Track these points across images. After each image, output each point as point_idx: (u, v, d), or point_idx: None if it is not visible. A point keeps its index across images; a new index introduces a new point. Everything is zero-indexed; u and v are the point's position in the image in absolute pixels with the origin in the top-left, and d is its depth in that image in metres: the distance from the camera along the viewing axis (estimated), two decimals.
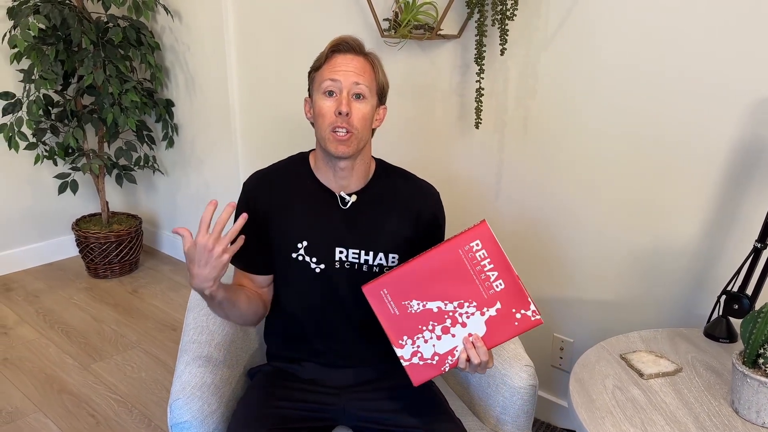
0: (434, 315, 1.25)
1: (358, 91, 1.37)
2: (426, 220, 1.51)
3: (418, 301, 1.25)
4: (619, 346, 1.52)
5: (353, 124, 1.36)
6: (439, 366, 1.27)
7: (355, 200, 1.46)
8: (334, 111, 1.36)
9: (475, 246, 1.22)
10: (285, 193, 1.47)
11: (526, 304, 1.23)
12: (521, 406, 1.51)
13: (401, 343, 1.27)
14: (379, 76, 1.42)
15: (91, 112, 3.09)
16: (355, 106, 1.36)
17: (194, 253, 1.22)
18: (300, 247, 1.45)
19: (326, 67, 1.38)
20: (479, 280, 1.23)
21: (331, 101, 1.36)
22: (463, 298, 1.24)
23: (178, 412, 1.37)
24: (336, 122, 1.36)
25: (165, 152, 3.43)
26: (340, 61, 1.37)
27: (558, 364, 2.16)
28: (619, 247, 1.90)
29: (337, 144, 1.37)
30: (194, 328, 1.56)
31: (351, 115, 1.36)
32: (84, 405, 2.33)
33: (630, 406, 1.29)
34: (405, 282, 1.24)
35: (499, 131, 2.07)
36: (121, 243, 3.28)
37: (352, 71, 1.36)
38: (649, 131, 1.75)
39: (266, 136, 2.88)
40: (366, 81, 1.37)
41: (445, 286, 1.23)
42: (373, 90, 1.40)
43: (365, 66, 1.39)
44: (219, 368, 1.49)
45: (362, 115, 1.37)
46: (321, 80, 1.38)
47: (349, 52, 1.38)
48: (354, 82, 1.36)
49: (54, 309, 3.02)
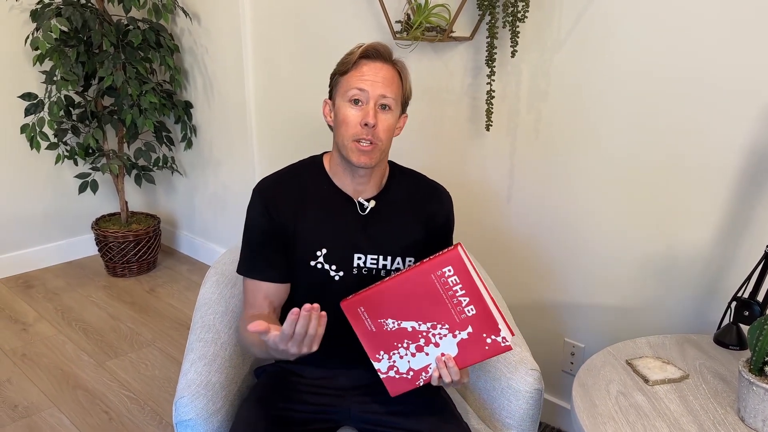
0: (409, 334, 1.27)
1: (384, 102, 1.35)
2: (439, 222, 1.51)
3: (393, 320, 1.26)
4: (625, 351, 1.50)
5: (378, 136, 1.35)
6: (414, 380, 1.30)
7: (373, 206, 1.46)
8: (360, 122, 1.34)
9: (447, 272, 1.21)
10: (302, 198, 1.44)
11: (497, 330, 1.23)
12: (526, 410, 1.50)
13: (378, 357, 1.30)
14: (405, 86, 1.40)
15: (111, 113, 3.14)
16: (381, 118, 1.35)
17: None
18: (319, 255, 1.43)
19: (354, 74, 1.35)
20: (451, 304, 1.23)
21: (356, 110, 1.34)
22: (436, 320, 1.25)
23: (182, 409, 1.38)
24: (360, 134, 1.34)
25: (183, 153, 3.47)
26: (368, 69, 1.34)
27: (569, 369, 2.14)
28: (631, 252, 1.88)
29: (360, 155, 1.36)
30: (201, 326, 1.58)
31: (377, 126, 1.34)
32: (98, 401, 2.36)
33: (633, 412, 1.27)
34: (380, 301, 1.25)
35: (510, 134, 2.06)
36: (139, 242, 3.32)
37: (380, 82, 1.33)
38: (663, 136, 1.73)
39: (282, 138, 2.90)
40: (393, 93, 1.35)
41: (419, 307, 1.24)
42: (399, 101, 1.38)
43: (393, 76, 1.36)
44: (224, 367, 1.50)
45: (387, 126, 1.36)
46: (347, 87, 1.35)
47: (378, 59, 1.35)
48: (381, 94, 1.34)
49: (72, 306, 3.07)
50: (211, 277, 1.75)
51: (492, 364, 1.56)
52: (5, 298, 3.14)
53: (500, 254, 2.21)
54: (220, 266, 1.79)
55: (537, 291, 2.15)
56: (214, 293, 1.68)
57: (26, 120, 3.15)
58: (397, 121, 1.41)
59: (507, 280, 2.20)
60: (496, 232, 2.19)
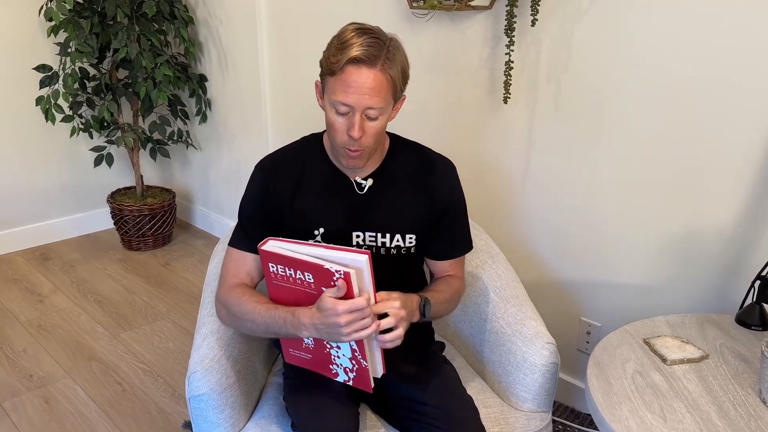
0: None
1: (370, 114, 1.30)
2: (443, 197, 1.47)
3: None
4: (643, 330, 1.46)
5: (365, 143, 1.33)
6: (363, 367, 1.29)
7: (371, 184, 1.44)
8: (346, 131, 1.31)
9: (272, 267, 1.27)
10: (301, 178, 1.44)
11: (331, 272, 1.21)
12: (542, 384, 1.48)
13: (334, 372, 1.33)
14: (397, 83, 1.30)
15: (125, 85, 3.12)
16: (368, 126, 1.31)
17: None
18: (317, 234, 1.42)
19: (338, 83, 1.27)
20: (297, 286, 1.26)
21: (342, 119, 1.31)
22: (307, 303, 1.27)
23: (196, 384, 1.37)
24: (347, 143, 1.32)
25: (198, 127, 3.45)
26: (353, 79, 1.26)
27: (584, 348, 2.10)
28: (651, 230, 1.83)
29: (349, 159, 1.36)
30: (211, 301, 1.56)
31: (363, 135, 1.31)
32: (112, 372, 2.37)
33: (650, 392, 1.24)
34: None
35: (529, 108, 2.01)
36: (154, 216, 3.32)
37: (366, 94, 1.26)
38: (687, 113, 1.67)
39: (296, 113, 2.87)
40: (381, 101, 1.29)
41: (295, 300, 1.29)
42: (389, 101, 1.32)
43: (380, 82, 1.27)
44: (236, 341, 1.48)
45: (375, 131, 1.33)
46: (332, 94, 1.29)
47: (364, 65, 1.25)
48: (367, 106, 1.28)
49: (88, 279, 3.08)
50: (220, 252, 1.74)
51: (507, 338, 1.53)
52: (22, 269, 3.17)
53: (516, 232, 2.17)
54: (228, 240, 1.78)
55: (553, 269, 2.11)
56: None
57: (41, 92, 3.14)
58: (389, 115, 1.36)
59: (522, 257, 2.16)
60: (512, 209, 2.15)
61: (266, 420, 1.44)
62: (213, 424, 1.39)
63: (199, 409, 1.38)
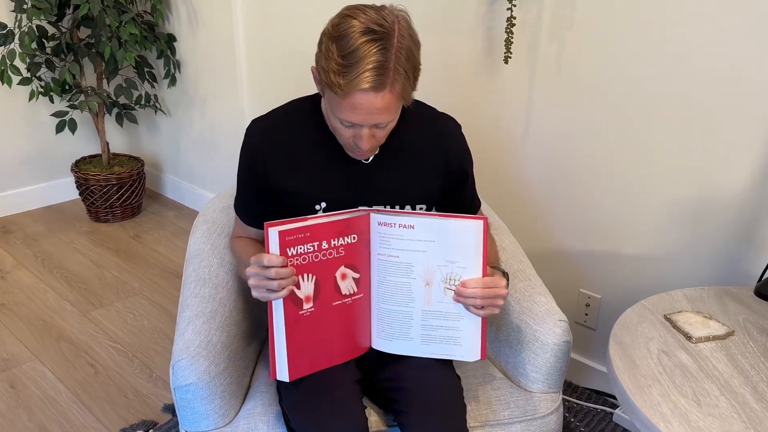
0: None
1: (381, 125, 1.18)
2: (457, 162, 1.37)
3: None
4: (661, 305, 1.38)
5: (374, 144, 1.22)
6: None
7: (377, 152, 1.31)
8: (352, 138, 1.20)
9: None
10: (296, 149, 1.30)
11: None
12: (554, 363, 1.38)
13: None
14: (407, 91, 1.16)
15: (88, 45, 2.91)
16: (377, 132, 1.19)
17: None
18: (318, 209, 1.30)
19: (343, 103, 1.13)
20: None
21: (349, 131, 1.19)
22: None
23: (182, 373, 1.24)
24: (354, 147, 1.22)
25: (167, 91, 3.25)
26: (361, 102, 1.11)
27: (583, 320, 2.02)
28: (658, 196, 1.74)
29: (356, 155, 1.27)
30: (195, 280, 1.43)
31: (373, 139, 1.20)
32: (83, 353, 2.23)
33: (678, 373, 1.15)
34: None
35: (530, 68, 1.88)
36: (122, 186, 3.15)
37: (375, 113, 1.13)
38: (700, 69, 1.57)
39: (275, 75, 2.70)
40: (390, 116, 1.16)
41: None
42: (399, 108, 1.20)
43: (390, 101, 1.13)
44: (225, 324, 1.35)
45: (385, 133, 1.22)
46: (335, 108, 1.16)
47: (372, 90, 1.10)
48: (377, 123, 1.16)
49: (53, 253, 2.90)
50: (201, 226, 1.60)
51: (516, 315, 1.43)
52: None
53: (513, 198, 2.06)
54: (209, 214, 1.64)
55: (551, 237, 2.01)
56: (206, 244, 1.53)
57: None
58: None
59: (519, 224, 2.06)
60: (510, 174, 2.04)
61: (259, 408, 1.32)
62: (201, 416, 1.27)
63: (185, 399, 1.26)
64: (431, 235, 1.19)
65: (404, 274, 1.22)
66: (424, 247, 1.20)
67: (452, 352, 1.25)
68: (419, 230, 1.19)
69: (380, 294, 1.24)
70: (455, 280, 1.20)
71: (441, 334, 1.24)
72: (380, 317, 1.26)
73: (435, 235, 1.19)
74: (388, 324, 1.25)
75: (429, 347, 1.25)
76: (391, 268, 1.22)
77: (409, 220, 1.19)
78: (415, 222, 1.19)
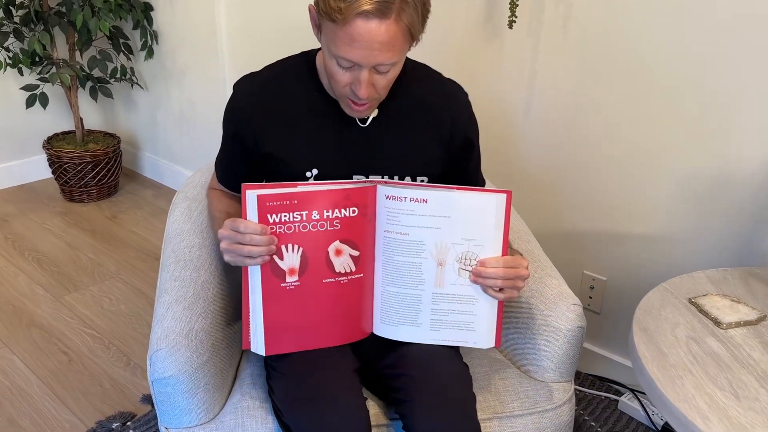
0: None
1: (381, 69, 1.06)
2: (463, 132, 1.25)
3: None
4: (684, 288, 1.27)
5: (373, 96, 1.09)
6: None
7: (376, 115, 1.19)
8: (350, 85, 1.07)
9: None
10: (287, 111, 1.18)
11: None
12: (567, 350, 1.28)
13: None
14: (413, 31, 1.05)
15: (59, 14, 2.73)
16: (378, 79, 1.07)
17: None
18: (309, 176, 1.18)
19: (342, 35, 1.02)
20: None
21: (345, 73, 1.06)
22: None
23: (161, 365, 1.12)
24: (351, 96, 1.09)
25: (144, 64, 3.08)
26: (361, 33, 1.00)
27: (587, 304, 1.93)
28: (670, 172, 1.64)
29: (353, 110, 1.14)
30: (175, 262, 1.30)
31: (372, 90, 1.08)
32: (55, 340, 2.09)
33: (711, 362, 1.05)
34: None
35: (533, 35, 1.76)
36: (97, 164, 2.98)
37: (377, 50, 1.02)
38: (721, 33, 1.46)
39: (259, 47, 2.54)
40: (394, 56, 1.04)
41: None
42: (404, 51, 1.08)
43: (394, 35, 1.02)
44: (208, 311, 1.23)
45: (386, 83, 1.09)
46: (332, 44, 1.05)
47: (374, 17, 1.00)
48: (378, 63, 1.04)
49: (24, 234, 2.75)
50: (180, 204, 1.47)
51: (525, 299, 1.33)
52: None
53: (513, 174, 1.95)
54: (190, 190, 1.51)
55: (554, 215, 1.91)
56: (186, 223, 1.40)
57: None
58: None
59: (519, 202, 1.95)
60: (510, 149, 1.93)
61: (247, 402, 1.20)
62: (182, 411, 1.15)
63: (164, 393, 1.13)
64: (446, 210, 1.07)
65: (414, 253, 1.10)
66: (438, 223, 1.08)
67: (464, 338, 1.14)
68: (433, 205, 1.07)
69: (386, 275, 1.13)
70: (471, 260, 1.09)
71: (453, 319, 1.13)
72: (385, 300, 1.14)
73: (451, 210, 1.07)
74: (393, 308, 1.14)
75: (438, 333, 1.14)
76: (399, 246, 1.10)
77: (421, 194, 1.07)
78: (428, 195, 1.07)
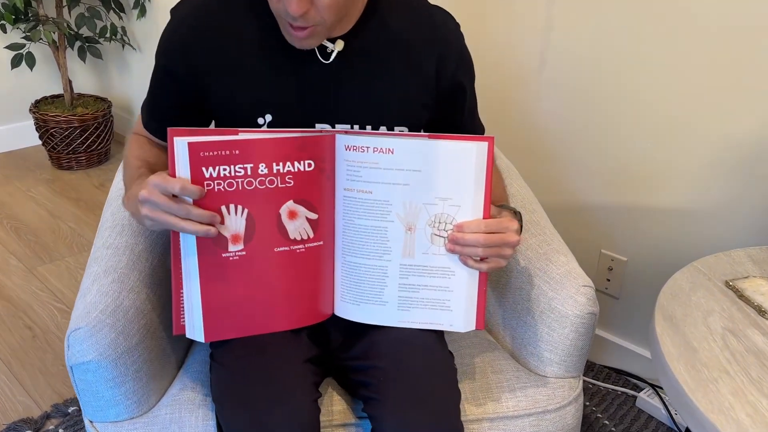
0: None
1: None
2: (451, 70, 1.03)
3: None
4: (720, 268, 1.05)
5: (316, 19, 0.87)
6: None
7: (341, 49, 0.97)
8: (283, 4, 0.86)
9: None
10: (235, 43, 0.98)
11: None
12: (574, 341, 1.07)
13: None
14: None
15: None
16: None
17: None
18: (262, 123, 0.98)
19: None
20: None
21: None
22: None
23: (79, 347, 0.94)
24: (286, 16, 0.87)
25: (137, 23, 2.90)
26: None
27: (604, 287, 1.71)
28: (704, 137, 1.41)
29: (293, 37, 0.92)
30: (111, 227, 1.12)
31: (309, 11, 0.85)
32: (21, 314, 1.93)
33: (754, 361, 0.83)
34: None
35: None
36: (86, 129, 2.82)
37: None
38: None
39: None
40: None
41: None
42: None
43: None
44: (143, 285, 1.04)
45: (330, 2, 0.86)
46: None
47: None
48: None
49: (6, 202, 2.60)
50: None
51: (527, 279, 1.12)
52: None
53: (526, 141, 1.74)
54: None
55: (569, 187, 1.69)
56: None
57: None
58: None
59: (530, 170, 1.73)
60: (521, 110, 1.72)
61: (188, 394, 1.01)
62: (107, 402, 0.96)
63: (85, 381, 0.95)
64: (417, 162, 0.87)
65: (378, 215, 0.90)
66: (407, 178, 0.88)
67: (438, 319, 0.95)
68: (401, 155, 0.87)
69: (345, 243, 0.93)
70: (447, 224, 0.89)
71: (424, 296, 0.93)
72: (345, 274, 0.94)
73: (422, 162, 0.87)
74: (354, 283, 0.94)
75: (408, 314, 0.94)
76: (360, 207, 0.90)
77: (387, 143, 0.87)
78: (395, 145, 0.87)
